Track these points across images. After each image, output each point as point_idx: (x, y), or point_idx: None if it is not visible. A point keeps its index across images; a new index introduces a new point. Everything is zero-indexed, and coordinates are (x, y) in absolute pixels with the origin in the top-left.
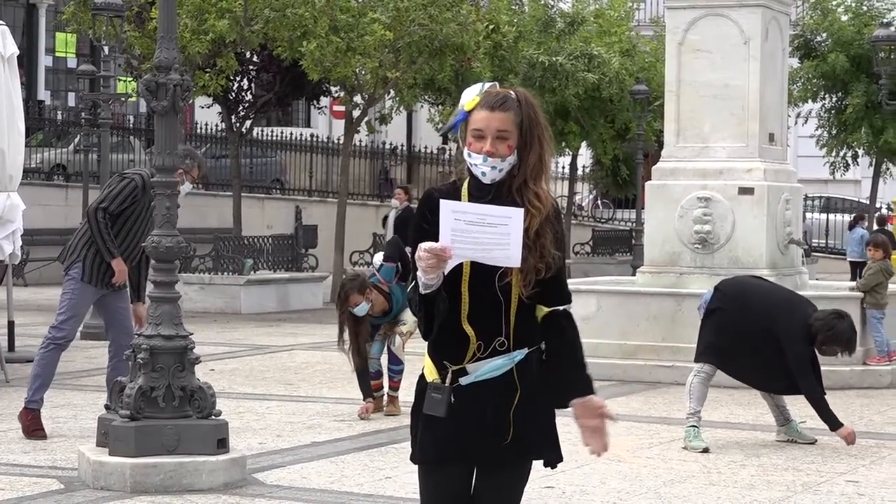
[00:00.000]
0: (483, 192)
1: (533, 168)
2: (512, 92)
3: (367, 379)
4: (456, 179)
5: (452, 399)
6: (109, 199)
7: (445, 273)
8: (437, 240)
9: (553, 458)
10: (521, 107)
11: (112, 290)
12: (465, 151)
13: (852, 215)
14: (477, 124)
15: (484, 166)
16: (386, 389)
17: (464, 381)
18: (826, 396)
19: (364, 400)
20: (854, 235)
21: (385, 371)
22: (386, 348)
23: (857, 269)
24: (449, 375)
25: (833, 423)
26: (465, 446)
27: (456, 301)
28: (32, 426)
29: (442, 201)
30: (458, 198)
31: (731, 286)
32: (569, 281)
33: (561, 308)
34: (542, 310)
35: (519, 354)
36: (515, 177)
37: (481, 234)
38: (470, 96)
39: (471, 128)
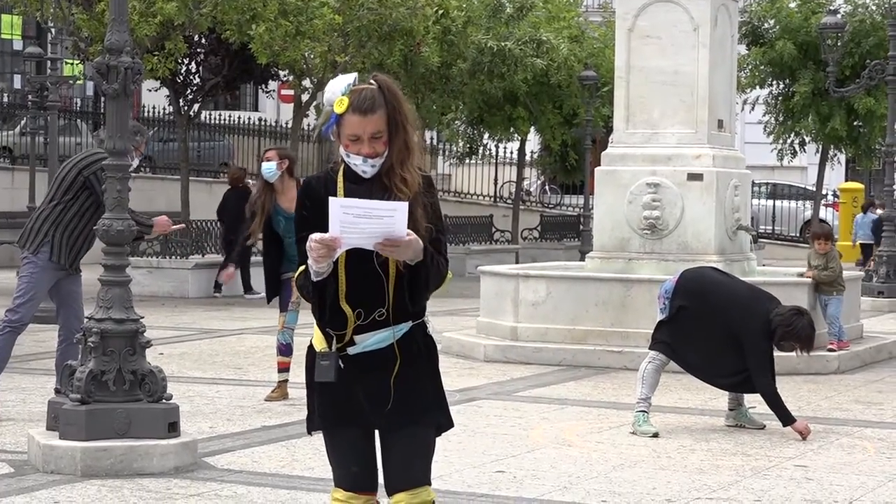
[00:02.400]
0: (357, 180)
1: (398, 154)
2: (374, 83)
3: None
4: (331, 167)
5: (340, 364)
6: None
7: (333, 258)
8: (318, 228)
9: (444, 423)
10: (386, 100)
11: (69, 274)
12: (343, 151)
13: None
14: (352, 129)
15: (364, 166)
16: None
17: (351, 350)
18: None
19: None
20: (865, 220)
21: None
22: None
23: (867, 251)
24: (334, 343)
25: (786, 419)
26: (356, 411)
27: (334, 281)
28: None
29: (331, 199)
30: (334, 185)
31: (693, 282)
32: (518, 266)
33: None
34: None
35: (403, 328)
36: (387, 163)
37: (368, 225)
38: (336, 95)
39: (346, 132)
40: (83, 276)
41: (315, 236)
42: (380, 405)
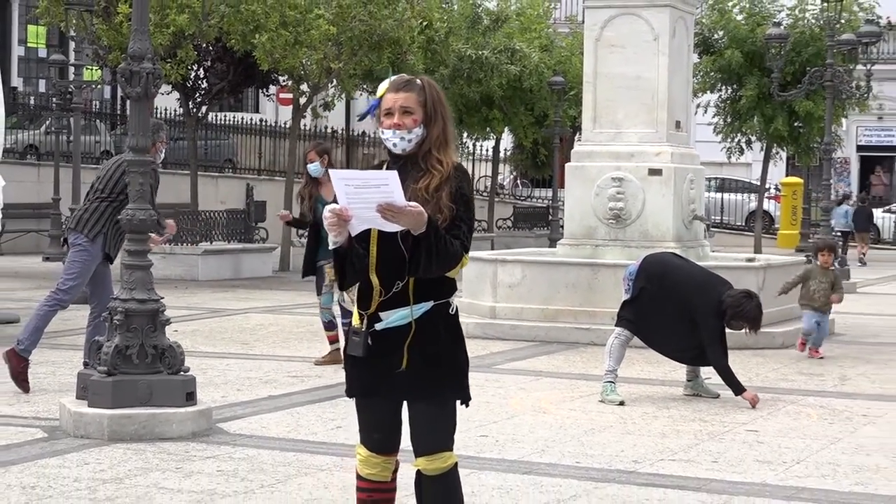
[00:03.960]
0: (398, 163)
1: (437, 139)
2: (417, 79)
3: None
4: (379, 162)
5: (369, 342)
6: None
7: (353, 234)
8: None
9: (462, 397)
10: (425, 89)
11: (105, 261)
12: (380, 130)
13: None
14: (386, 104)
15: (394, 138)
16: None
17: (378, 326)
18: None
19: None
20: (840, 210)
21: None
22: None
23: (845, 237)
24: (365, 321)
25: (737, 389)
26: (380, 382)
27: (367, 256)
28: (21, 374)
29: (331, 171)
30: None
31: (656, 265)
32: (496, 252)
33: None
34: None
35: (423, 307)
36: (422, 147)
37: (369, 195)
38: (382, 88)
39: (382, 109)
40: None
41: (328, 208)
42: (399, 374)
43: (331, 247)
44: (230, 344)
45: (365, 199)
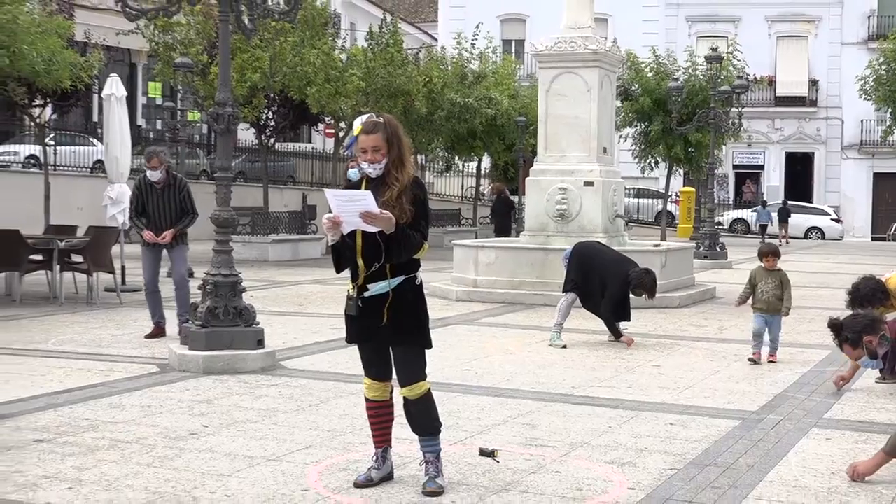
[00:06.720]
0: (370, 180)
1: (394, 161)
2: (381, 118)
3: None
4: (360, 178)
5: (360, 304)
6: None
7: (344, 233)
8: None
9: (424, 343)
10: (387, 127)
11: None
12: (359, 160)
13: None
14: (361, 144)
15: (369, 168)
16: None
17: (366, 294)
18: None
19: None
20: (764, 211)
21: None
22: None
23: (763, 230)
24: (356, 291)
25: (617, 335)
26: (368, 333)
27: (354, 246)
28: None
29: (325, 190)
30: (360, 185)
31: (585, 248)
32: (477, 241)
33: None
34: None
35: (396, 280)
36: (387, 168)
37: (353, 206)
38: (357, 125)
39: (358, 147)
40: (196, 248)
41: (326, 216)
42: (380, 328)
43: (329, 243)
44: (290, 305)
45: (351, 209)
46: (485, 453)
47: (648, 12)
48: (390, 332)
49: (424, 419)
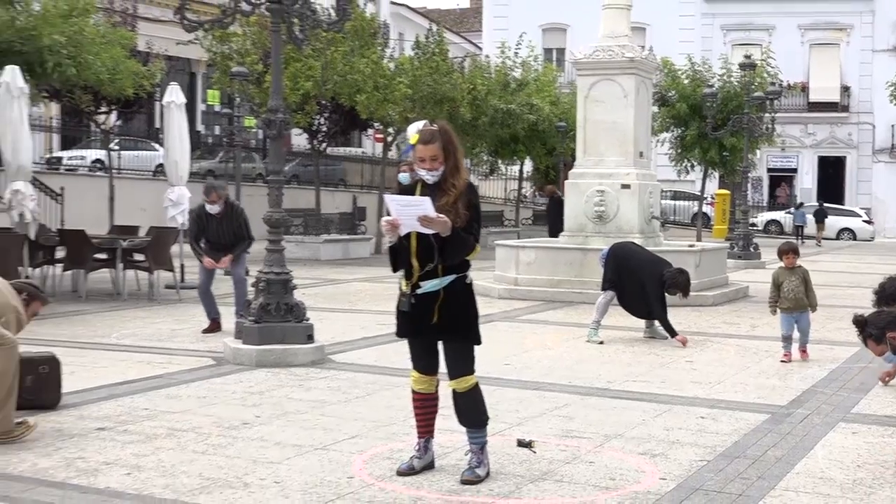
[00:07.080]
0: (426, 185)
1: (451, 169)
2: (436, 126)
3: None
4: (414, 182)
5: (413, 301)
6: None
7: (401, 235)
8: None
9: (474, 338)
10: (442, 136)
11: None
12: (417, 167)
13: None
14: (419, 153)
15: (427, 176)
16: None
17: (419, 291)
18: (669, 317)
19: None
20: (799, 212)
21: None
22: None
23: (799, 230)
24: (410, 288)
25: (672, 333)
26: (419, 328)
27: (409, 248)
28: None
29: (385, 195)
30: (414, 189)
31: (621, 249)
32: (518, 241)
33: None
34: None
35: (448, 278)
36: (444, 175)
37: (411, 210)
38: (412, 132)
39: (416, 155)
40: (252, 247)
41: (385, 218)
42: (431, 324)
43: (387, 245)
44: (339, 302)
45: (409, 213)
46: (522, 444)
47: (685, 21)
48: (441, 329)
49: (472, 412)
